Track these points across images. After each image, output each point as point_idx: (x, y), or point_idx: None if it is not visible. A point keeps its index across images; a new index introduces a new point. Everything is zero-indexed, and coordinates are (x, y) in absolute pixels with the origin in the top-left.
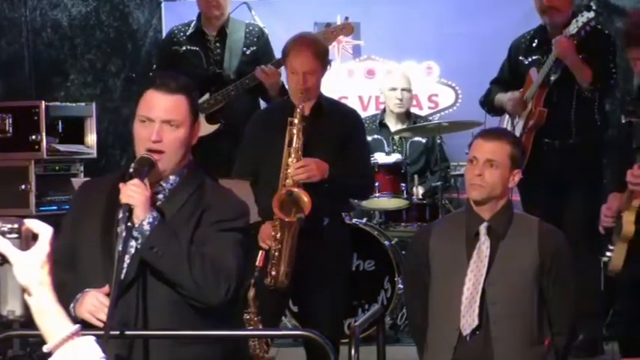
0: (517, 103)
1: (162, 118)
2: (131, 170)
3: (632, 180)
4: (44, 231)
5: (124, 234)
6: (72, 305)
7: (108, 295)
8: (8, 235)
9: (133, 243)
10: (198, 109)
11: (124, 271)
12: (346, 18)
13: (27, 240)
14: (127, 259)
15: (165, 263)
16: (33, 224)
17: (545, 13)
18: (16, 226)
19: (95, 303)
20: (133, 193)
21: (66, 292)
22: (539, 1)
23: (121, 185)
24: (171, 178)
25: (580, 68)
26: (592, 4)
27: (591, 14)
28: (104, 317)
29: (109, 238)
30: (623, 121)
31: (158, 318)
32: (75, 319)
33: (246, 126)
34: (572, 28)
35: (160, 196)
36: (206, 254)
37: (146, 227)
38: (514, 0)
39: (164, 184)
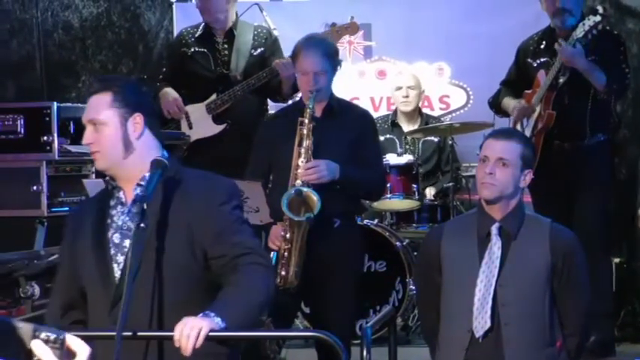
0: (521, 112)
1: (86, 120)
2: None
3: None
4: (82, 351)
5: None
6: None
7: None
8: (51, 344)
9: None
10: (134, 101)
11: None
12: (351, 17)
13: (66, 354)
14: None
15: (244, 325)
16: (73, 342)
17: (556, 15)
18: (61, 337)
19: None
20: (194, 335)
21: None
22: (552, 4)
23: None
24: (147, 175)
25: (592, 72)
26: (599, 7)
27: (597, 18)
28: None
29: (101, 243)
30: None
31: (169, 319)
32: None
33: (259, 128)
34: (579, 32)
35: (138, 190)
36: (245, 286)
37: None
38: (526, 0)
39: (142, 183)
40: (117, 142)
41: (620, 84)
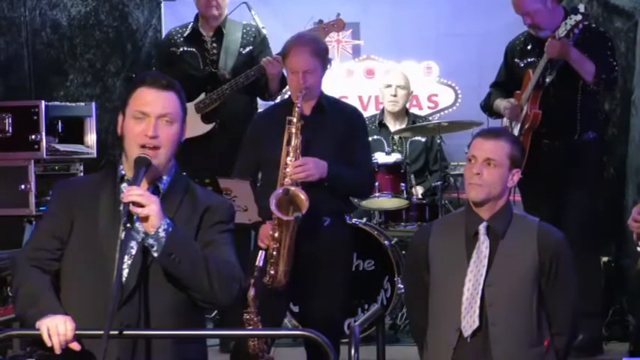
0: (513, 110)
1: (158, 113)
2: (128, 176)
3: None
4: None
5: (122, 235)
6: (35, 311)
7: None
8: None
9: (133, 245)
10: (186, 109)
11: (125, 275)
12: (338, 14)
13: None
14: (126, 263)
15: (183, 268)
16: None
17: (530, 28)
18: None
19: (61, 329)
20: (147, 202)
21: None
22: (523, 17)
23: (126, 193)
24: (165, 178)
25: (582, 61)
26: (579, 6)
27: (579, 17)
28: (56, 342)
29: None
30: None
31: (160, 321)
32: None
33: (248, 126)
34: (562, 31)
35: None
36: (217, 256)
37: (162, 234)
38: None
39: (159, 185)
40: (177, 142)
41: (608, 75)
